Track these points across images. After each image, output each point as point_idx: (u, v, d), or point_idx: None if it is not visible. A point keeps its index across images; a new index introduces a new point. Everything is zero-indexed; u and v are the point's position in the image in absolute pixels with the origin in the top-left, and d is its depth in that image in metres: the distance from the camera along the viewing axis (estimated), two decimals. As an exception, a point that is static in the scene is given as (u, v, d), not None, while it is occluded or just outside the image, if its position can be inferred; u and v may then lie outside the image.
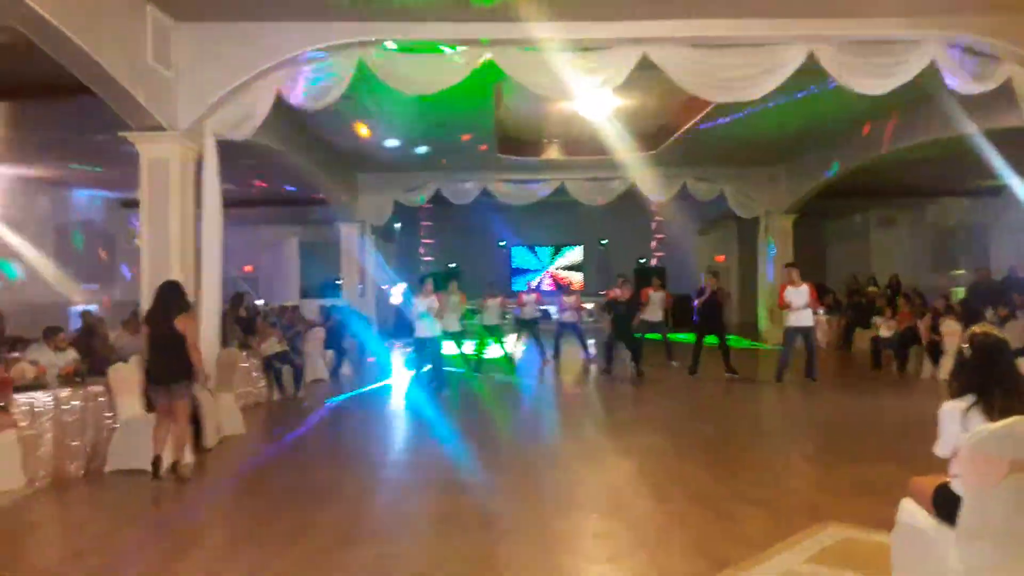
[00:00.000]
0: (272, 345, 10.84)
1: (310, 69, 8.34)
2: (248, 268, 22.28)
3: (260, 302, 13.06)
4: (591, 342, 15.62)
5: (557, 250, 25.74)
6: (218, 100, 8.35)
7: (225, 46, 8.35)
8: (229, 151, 9.09)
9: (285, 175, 13.63)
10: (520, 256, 25.84)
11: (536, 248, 25.83)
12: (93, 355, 8.26)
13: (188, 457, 6.81)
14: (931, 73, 8.45)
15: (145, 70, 7.66)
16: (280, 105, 8.78)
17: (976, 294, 14.01)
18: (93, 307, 14.26)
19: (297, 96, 8.44)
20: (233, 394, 8.78)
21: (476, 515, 5.28)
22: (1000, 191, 16.75)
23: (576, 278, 25.35)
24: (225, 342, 9.70)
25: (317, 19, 8.08)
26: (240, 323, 11.23)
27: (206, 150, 8.58)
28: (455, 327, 12.05)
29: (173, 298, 6.71)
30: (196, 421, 7.31)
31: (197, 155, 8.66)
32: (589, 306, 15.10)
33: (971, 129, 10.47)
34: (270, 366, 10.65)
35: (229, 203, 9.08)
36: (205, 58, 8.34)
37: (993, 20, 8.31)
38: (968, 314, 11.65)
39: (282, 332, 11.39)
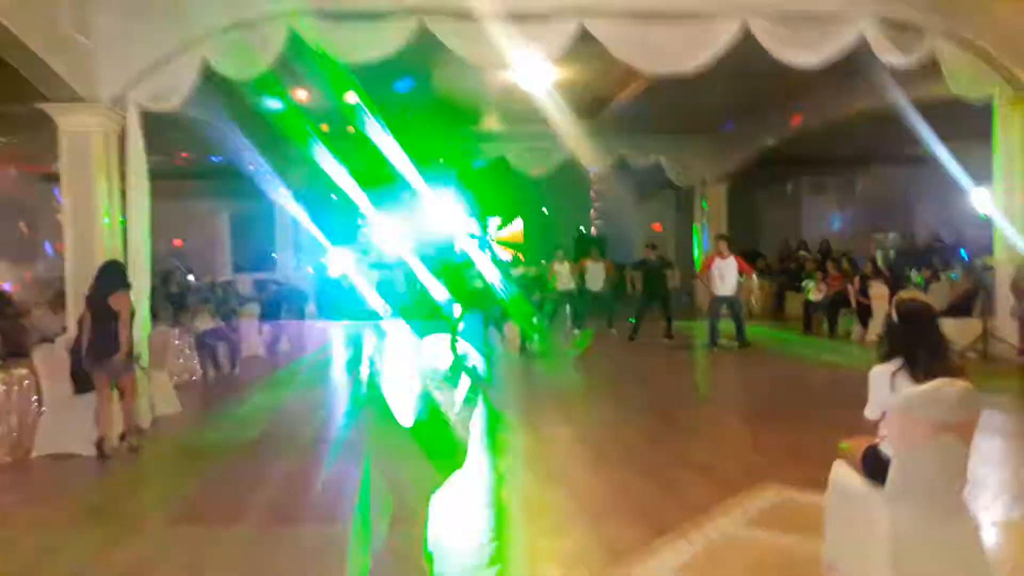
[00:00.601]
0: (205, 321, 10.57)
1: (239, 38, 8.05)
2: (178, 243, 21.63)
3: (191, 277, 12.67)
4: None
5: (488, 220, 25.62)
6: (142, 70, 8.02)
7: (149, 14, 8.00)
8: (157, 122, 8.76)
9: (215, 147, 13.20)
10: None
11: (476, 218, 25.68)
12: (3, 336, 7.87)
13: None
14: (862, 46, 8.63)
15: (62, 38, 7.30)
16: (209, 75, 8.48)
17: (902, 258, 14.52)
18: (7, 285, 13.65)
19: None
20: (167, 372, 8.56)
21: (417, 491, 5.27)
22: (924, 160, 17.30)
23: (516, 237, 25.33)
24: (156, 319, 9.46)
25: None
26: (171, 300, 10.91)
27: (130, 122, 8.26)
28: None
29: (115, 277, 6.75)
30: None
31: (121, 127, 8.34)
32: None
33: (899, 99, 10.74)
34: (204, 343, 10.39)
35: (157, 176, 8.77)
36: (128, 26, 7.98)
37: (919, -6, 8.53)
38: (895, 278, 12.08)
39: (215, 308, 11.11)
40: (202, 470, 6.06)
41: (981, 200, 10.06)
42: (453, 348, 11.04)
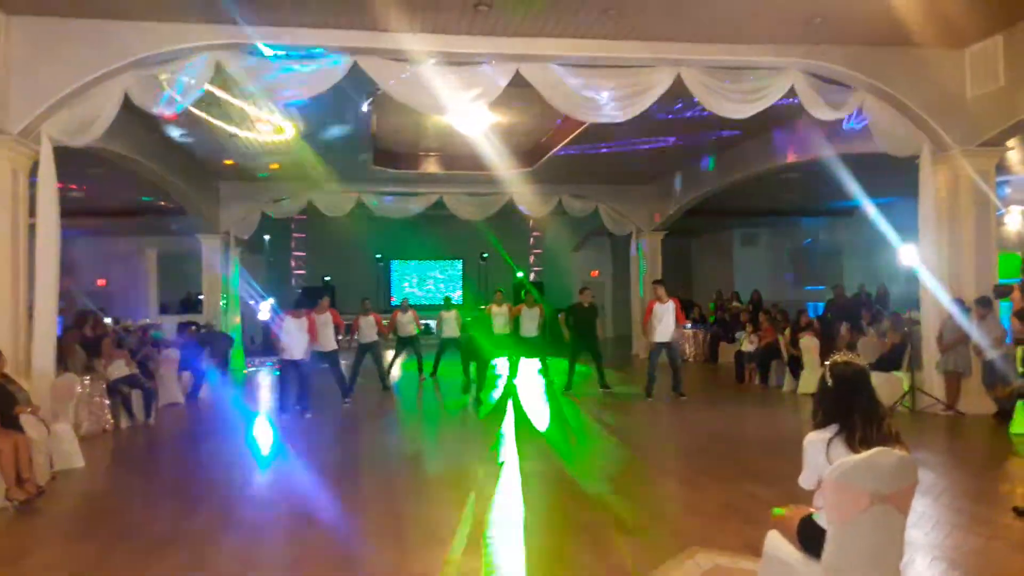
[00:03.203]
0: (119, 368, 9.98)
1: (162, 72, 7.73)
2: (101, 282, 20.74)
3: (108, 320, 12.02)
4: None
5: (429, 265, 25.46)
6: (56, 102, 7.64)
7: (65, 44, 7.68)
8: (75, 157, 8.34)
9: (137, 183, 12.67)
10: (400, 271, 25.40)
11: (415, 263, 25.48)
12: None
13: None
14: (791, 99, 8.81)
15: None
16: (130, 108, 8.12)
17: (832, 310, 14.75)
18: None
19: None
20: (70, 424, 7.99)
21: (332, 558, 4.90)
22: (852, 212, 17.82)
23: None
24: (65, 366, 8.91)
25: (169, 19, 7.53)
26: (85, 344, 10.29)
27: (42, 156, 7.84)
28: (330, 346, 11.42)
29: None
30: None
31: (32, 161, 7.91)
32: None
33: (828, 153, 10.98)
34: (117, 391, 9.80)
35: (78, 212, 8.34)
36: (42, 56, 7.63)
37: (848, 51, 8.77)
38: (825, 330, 12.21)
39: (130, 353, 10.52)
40: (98, 533, 5.55)
41: (907, 255, 10.22)
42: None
